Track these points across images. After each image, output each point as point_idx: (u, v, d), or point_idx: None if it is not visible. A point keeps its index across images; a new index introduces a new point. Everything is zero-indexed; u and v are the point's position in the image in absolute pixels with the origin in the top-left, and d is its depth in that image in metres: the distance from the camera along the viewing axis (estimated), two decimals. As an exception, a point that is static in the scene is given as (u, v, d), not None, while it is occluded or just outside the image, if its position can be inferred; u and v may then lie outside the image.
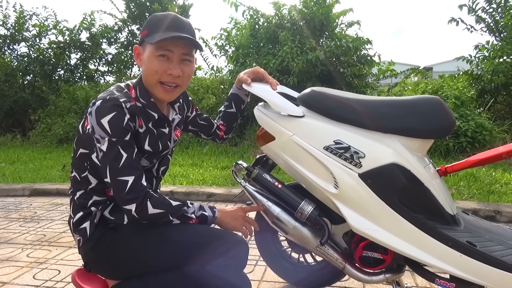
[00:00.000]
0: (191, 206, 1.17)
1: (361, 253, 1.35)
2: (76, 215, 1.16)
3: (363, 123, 1.26)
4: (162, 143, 1.22)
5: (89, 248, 1.15)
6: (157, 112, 1.20)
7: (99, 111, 1.07)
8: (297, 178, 1.40)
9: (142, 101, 1.17)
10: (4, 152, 6.35)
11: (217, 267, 1.09)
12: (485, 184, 3.54)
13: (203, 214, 1.18)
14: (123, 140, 1.06)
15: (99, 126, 1.06)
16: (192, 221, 1.15)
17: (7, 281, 2.01)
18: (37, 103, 8.17)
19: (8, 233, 2.78)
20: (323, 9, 6.02)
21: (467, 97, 5.26)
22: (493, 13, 6.21)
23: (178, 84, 1.17)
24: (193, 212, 1.15)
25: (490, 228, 1.37)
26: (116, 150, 1.05)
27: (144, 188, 1.07)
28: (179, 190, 3.63)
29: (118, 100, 1.08)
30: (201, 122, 1.52)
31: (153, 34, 1.12)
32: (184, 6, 8.34)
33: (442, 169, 1.37)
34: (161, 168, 1.31)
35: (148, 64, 1.14)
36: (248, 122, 6.21)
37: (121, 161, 1.05)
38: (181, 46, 1.13)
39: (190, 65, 1.19)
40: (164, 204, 1.09)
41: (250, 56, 6.46)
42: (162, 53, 1.12)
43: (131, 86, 1.19)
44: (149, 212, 1.06)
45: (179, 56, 1.14)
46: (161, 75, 1.13)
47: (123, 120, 1.07)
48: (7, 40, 8.50)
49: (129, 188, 1.04)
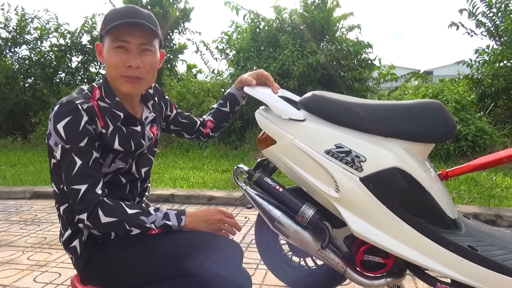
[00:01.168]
0: (152, 214, 1.08)
1: (362, 257, 1.35)
2: (66, 232, 1.13)
3: (364, 127, 1.26)
4: (134, 142, 1.17)
5: (82, 266, 1.13)
6: (123, 111, 1.15)
7: (56, 116, 1.03)
8: (298, 182, 1.40)
9: (107, 101, 1.13)
10: (4, 155, 6.35)
11: (212, 273, 1.05)
12: (485, 188, 3.54)
13: (166, 223, 1.09)
14: (78, 146, 1.02)
15: (55, 132, 1.03)
16: (154, 231, 1.08)
17: (8, 284, 2.01)
18: (38, 105, 8.18)
19: (8, 236, 2.78)
20: (323, 13, 6.04)
21: (467, 101, 5.27)
22: (493, 18, 6.23)
23: (140, 76, 1.10)
24: (153, 221, 1.07)
25: (491, 233, 1.37)
26: (69, 157, 1.02)
27: (96, 197, 1.01)
28: (180, 193, 3.63)
29: (74, 103, 1.04)
30: (182, 120, 1.47)
31: (109, 25, 1.07)
32: (185, 9, 8.37)
33: (443, 173, 1.38)
34: (142, 169, 1.25)
35: (107, 58, 1.09)
36: (248, 126, 6.21)
37: (74, 169, 1.01)
38: (137, 35, 1.07)
39: (151, 55, 1.12)
40: (117, 212, 1.03)
41: (250, 60, 6.48)
42: (118, 44, 1.07)
43: (96, 86, 1.15)
44: (102, 221, 1.01)
45: (137, 47, 1.08)
46: (121, 69, 1.08)
47: (79, 124, 1.03)
48: (9, 43, 8.53)
49: (80, 197, 1.00)
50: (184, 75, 8.56)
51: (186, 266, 1.06)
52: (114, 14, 1.09)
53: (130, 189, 1.21)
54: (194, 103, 6.60)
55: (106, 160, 1.13)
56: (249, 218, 3.03)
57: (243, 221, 2.96)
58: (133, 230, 1.05)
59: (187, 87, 6.92)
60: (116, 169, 1.16)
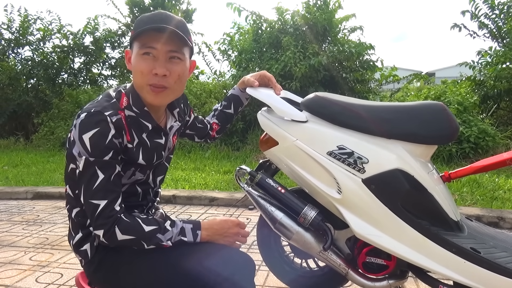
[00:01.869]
0: (169, 230, 1.06)
1: (364, 258, 1.34)
2: (76, 235, 1.11)
3: (366, 128, 1.26)
4: (157, 154, 1.15)
5: (92, 270, 1.11)
6: (151, 122, 1.11)
7: (82, 125, 0.99)
8: (300, 183, 1.40)
9: (135, 110, 1.08)
10: (7, 155, 6.37)
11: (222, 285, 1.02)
12: (488, 190, 3.53)
13: (181, 240, 1.07)
14: (102, 160, 0.99)
15: (79, 142, 0.99)
16: (169, 246, 1.07)
17: (10, 284, 2.01)
18: (40, 106, 8.20)
19: (11, 236, 2.78)
20: (325, 14, 6.04)
21: (470, 102, 5.26)
22: (496, 19, 6.22)
23: (165, 86, 1.05)
24: (169, 238, 1.05)
25: (494, 235, 1.37)
26: (92, 170, 0.98)
27: (114, 214, 0.99)
28: (182, 194, 3.64)
29: (103, 114, 0.99)
30: (199, 125, 1.45)
31: (136, 31, 1.03)
32: (187, 11, 8.40)
33: (445, 175, 1.37)
34: (157, 178, 1.24)
35: (134, 65, 1.05)
36: (250, 127, 6.21)
37: (95, 183, 0.98)
38: (165, 42, 1.02)
39: (179, 64, 1.06)
40: (134, 230, 1.01)
41: (252, 61, 6.48)
42: (146, 51, 1.02)
43: (123, 93, 1.10)
44: (119, 239, 0.99)
45: (165, 54, 1.03)
46: (147, 76, 1.03)
47: (106, 137, 0.99)
48: (12, 44, 8.55)
49: (98, 213, 0.98)
50: (186, 76, 8.56)
51: (198, 278, 1.03)
52: (144, 20, 1.05)
53: (144, 196, 1.20)
54: (196, 104, 6.61)
55: (127, 172, 1.11)
56: (251, 219, 3.03)
57: (245, 222, 2.96)
58: (150, 247, 1.05)
59: (189, 88, 6.93)
60: (135, 180, 1.14)
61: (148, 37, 1.02)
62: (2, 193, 4.02)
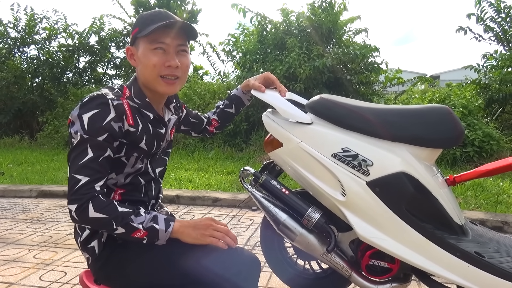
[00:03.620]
0: (142, 215, 1.04)
1: (368, 261, 1.34)
2: (83, 233, 1.12)
3: (371, 131, 1.26)
4: (157, 143, 1.19)
5: (99, 266, 1.12)
6: (152, 112, 1.17)
7: (84, 106, 1.04)
8: (304, 185, 1.40)
9: (136, 101, 1.14)
10: (12, 154, 6.41)
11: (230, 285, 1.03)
12: (492, 194, 3.51)
13: (153, 226, 1.04)
14: (95, 139, 1.02)
15: (78, 119, 1.02)
16: (139, 233, 1.03)
17: (14, 281, 2.03)
18: (45, 105, 8.26)
19: (15, 234, 2.80)
20: (330, 16, 6.04)
21: (474, 106, 5.24)
22: (501, 23, 6.19)
23: (178, 76, 1.14)
24: (141, 222, 1.03)
25: (498, 239, 1.36)
26: (83, 147, 1.01)
27: (92, 192, 1.00)
28: (185, 195, 3.64)
29: (105, 97, 1.05)
30: (192, 120, 1.50)
31: (145, 28, 1.09)
32: (192, 11, 8.42)
33: (450, 179, 1.37)
34: (156, 169, 1.26)
35: (144, 60, 1.12)
36: (254, 128, 6.22)
37: (82, 159, 1.00)
38: (175, 37, 1.11)
39: (186, 56, 1.16)
40: (107, 209, 1.00)
41: (257, 62, 6.49)
42: (157, 46, 1.10)
43: (125, 86, 1.17)
44: (90, 216, 0.98)
45: (175, 47, 1.12)
46: (160, 68, 1.11)
47: (104, 119, 1.03)
48: (18, 43, 8.62)
49: (77, 188, 0.99)
50: (190, 76, 8.60)
51: (204, 276, 1.04)
52: (148, 18, 1.12)
53: (145, 191, 1.22)
54: (200, 104, 6.63)
55: (131, 159, 1.13)
56: (254, 220, 3.03)
57: (248, 223, 2.96)
58: (118, 229, 1.02)
59: (193, 89, 6.95)
60: (137, 169, 1.16)
61: (158, 33, 1.09)
62: (6, 191, 4.04)
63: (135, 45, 1.15)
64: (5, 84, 8.20)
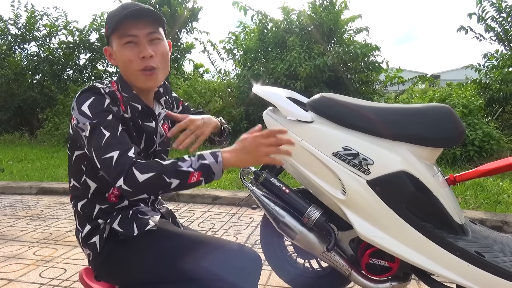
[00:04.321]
0: (188, 160, 0.99)
1: (368, 260, 1.35)
2: (84, 229, 1.12)
3: (372, 130, 1.26)
4: (146, 139, 1.17)
5: (100, 262, 1.12)
6: (140, 103, 1.15)
7: (78, 100, 1.05)
8: (304, 184, 1.40)
9: (124, 94, 1.13)
10: (12, 150, 6.40)
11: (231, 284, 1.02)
12: (492, 194, 3.51)
13: (202, 163, 0.99)
14: (105, 120, 1.02)
15: (80, 114, 1.03)
16: (194, 177, 0.98)
17: (14, 278, 2.03)
18: (45, 102, 8.24)
19: (15, 231, 2.80)
20: (331, 15, 6.03)
21: (475, 106, 5.23)
22: (502, 22, 6.18)
23: (154, 66, 1.10)
24: (189, 165, 0.98)
25: (498, 239, 1.36)
26: (98, 131, 1.01)
27: (130, 159, 0.97)
28: (184, 192, 3.64)
29: (97, 87, 1.07)
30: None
31: (111, 25, 1.08)
32: (193, 9, 8.39)
33: (451, 178, 1.37)
34: None
35: (120, 57, 1.10)
36: (254, 126, 6.20)
37: (103, 140, 1.00)
38: (142, 26, 1.08)
39: (160, 43, 1.12)
40: (152, 166, 0.97)
41: (257, 60, 6.48)
42: (127, 40, 1.08)
43: (113, 81, 1.17)
44: (140, 180, 0.95)
45: (145, 37, 1.08)
46: (136, 62, 1.08)
47: (103, 103, 1.04)
48: (18, 40, 8.60)
49: (114, 163, 0.96)
50: (191, 74, 8.59)
51: (205, 272, 1.03)
52: (114, 14, 1.10)
53: None
54: (200, 102, 6.61)
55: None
56: (254, 218, 3.04)
57: (247, 221, 2.97)
58: (173, 182, 0.97)
59: (194, 87, 6.93)
60: None
61: (125, 27, 1.07)
62: (6, 188, 4.04)
63: (110, 44, 1.13)
64: (5, 81, 8.18)
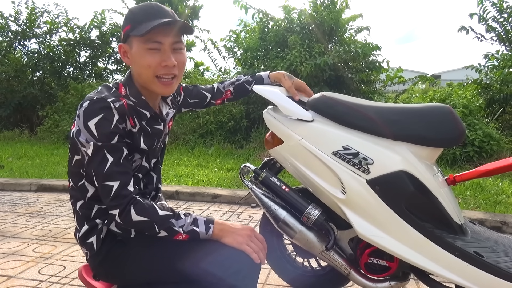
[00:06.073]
0: (182, 218, 1.06)
1: (367, 259, 1.35)
2: (82, 228, 1.13)
3: (372, 129, 1.26)
4: (157, 140, 1.19)
5: (98, 262, 1.12)
6: (149, 110, 1.15)
7: (86, 113, 1.02)
8: (304, 182, 1.40)
9: (132, 100, 1.12)
10: (11, 147, 6.40)
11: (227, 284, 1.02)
12: (491, 195, 3.52)
13: (193, 229, 1.06)
14: (109, 144, 1.02)
15: (85, 129, 1.02)
16: (180, 236, 1.05)
17: (13, 275, 2.03)
18: (45, 99, 8.24)
19: (14, 228, 2.80)
20: (332, 14, 6.03)
21: (475, 106, 5.23)
22: (503, 23, 6.18)
23: (175, 74, 1.11)
24: (182, 226, 1.05)
25: (497, 239, 1.36)
26: (101, 154, 1.01)
27: (129, 194, 1.02)
28: (184, 190, 3.64)
29: (106, 101, 1.03)
30: (192, 101, 1.47)
31: (138, 26, 1.04)
32: (194, 7, 8.38)
33: (450, 178, 1.37)
34: (152, 160, 1.24)
35: (139, 60, 1.07)
36: (254, 125, 6.21)
37: (106, 166, 1.01)
38: (170, 34, 1.06)
39: (182, 53, 1.12)
40: (148, 212, 1.02)
41: (258, 59, 6.48)
42: (152, 46, 1.05)
43: (120, 84, 1.14)
44: (133, 219, 1.01)
45: (170, 46, 1.08)
46: (156, 69, 1.07)
47: (111, 123, 1.02)
48: (18, 36, 8.59)
49: (113, 194, 1.00)
50: (191, 72, 8.58)
51: (203, 273, 1.03)
52: (140, 13, 1.06)
53: (145, 184, 1.22)
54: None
55: (133, 160, 1.14)
56: (253, 217, 3.04)
57: (247, 220, 2.97)
58: (161, 233, 1.04)
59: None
60: (135, 166, 1.16)
61: (153, 31, 1.04)
62: (6, 185, 4.04)
63: (127, 42, 1.10)
64: (5, 78, 8.18)
